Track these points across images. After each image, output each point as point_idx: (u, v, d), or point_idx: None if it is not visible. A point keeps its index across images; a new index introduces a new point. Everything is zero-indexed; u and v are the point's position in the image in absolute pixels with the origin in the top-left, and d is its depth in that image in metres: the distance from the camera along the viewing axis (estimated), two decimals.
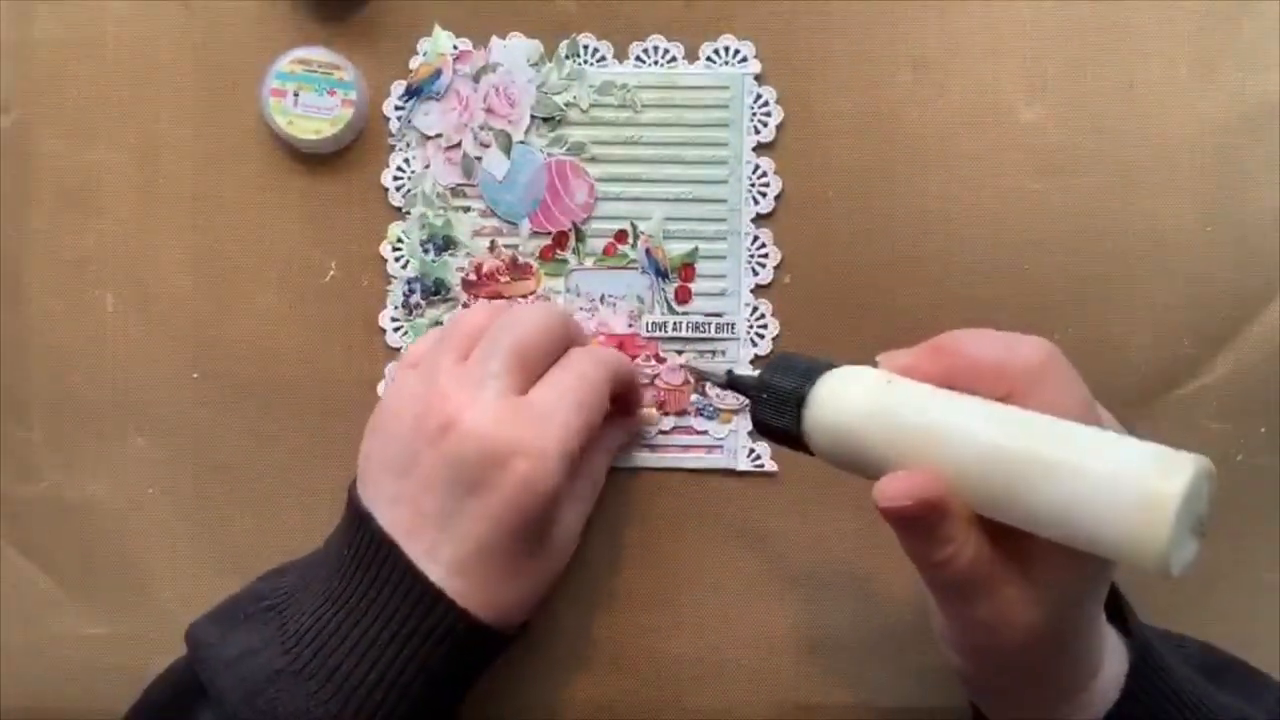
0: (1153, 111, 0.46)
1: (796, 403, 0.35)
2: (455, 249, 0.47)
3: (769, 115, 0.47)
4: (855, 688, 0.46)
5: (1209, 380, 0.46)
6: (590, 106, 0.47)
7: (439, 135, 0.47)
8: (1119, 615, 0.38)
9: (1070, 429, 0.31)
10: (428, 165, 0.47)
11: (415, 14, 0.47)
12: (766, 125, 0.47)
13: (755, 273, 0.47)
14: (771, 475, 0.47)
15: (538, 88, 0.47)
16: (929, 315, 0.46)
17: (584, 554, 0.46)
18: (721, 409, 0.47)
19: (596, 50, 0.47)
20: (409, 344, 0.46)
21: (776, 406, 0.36)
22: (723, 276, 0.47)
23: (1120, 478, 0.29)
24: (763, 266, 0.47)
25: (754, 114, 0.47)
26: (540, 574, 0.41)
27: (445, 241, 0.47)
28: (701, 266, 0.47)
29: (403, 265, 0.47)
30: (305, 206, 0.47)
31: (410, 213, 0.47)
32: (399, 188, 0.47)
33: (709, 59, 0.47)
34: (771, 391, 0.36)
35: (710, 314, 0.47)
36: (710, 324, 0.47)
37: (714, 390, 0.47)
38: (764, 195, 0.47)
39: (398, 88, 0.47)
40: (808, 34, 0.47)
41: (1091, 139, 0.46)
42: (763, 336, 0.47)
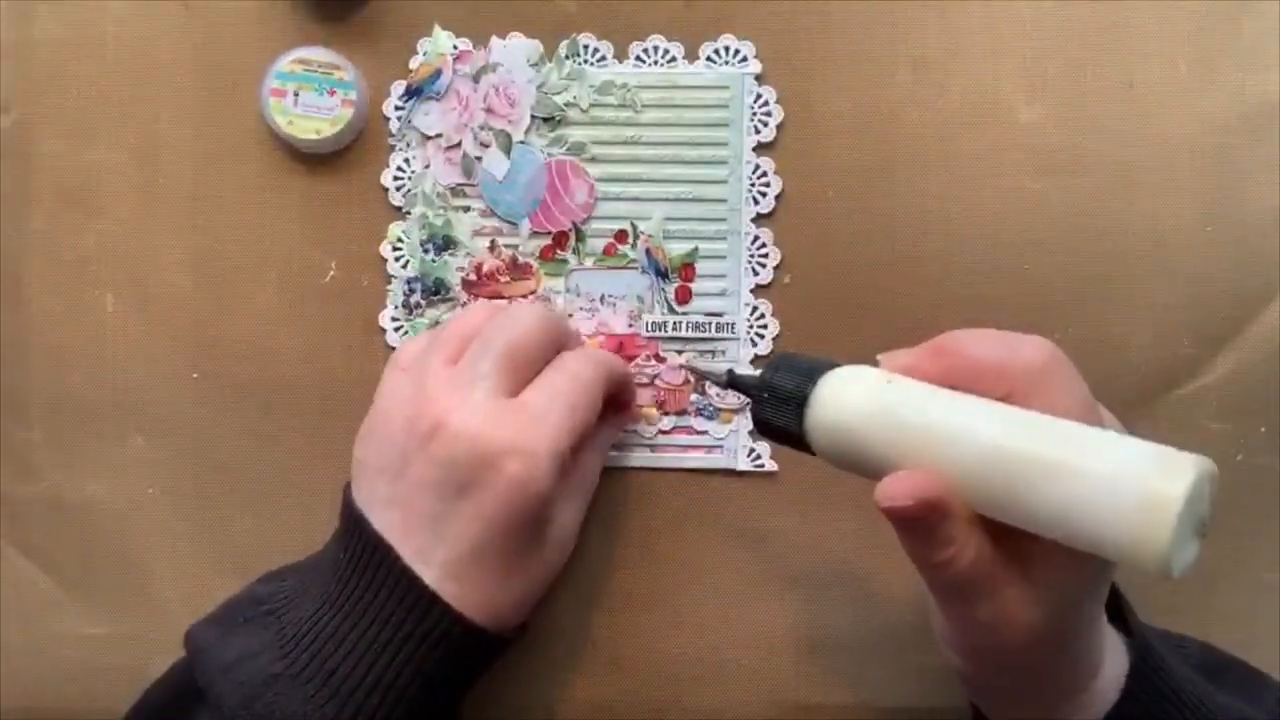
0: (1152, 111, 0.46)
1: (798, 402, 0.35)
2: (455, 249, 0.47)
3: (769, 115, 0.47)
4: (855, 688, 0.46)
5: (1209, 380, 0.46)
6: (590, 106, 0.47)
7: (439, 135, 0.47)
8: (1119, 615, 0.38)
9: (1072, 429, 0.31)
10: (428, 165, 0.47)
11: (415, 14, 0.47)
12: (766, 125, 0.47)
13: (755, 273, 0.47)
14: (771, 475, 0.47)
15: (538, 88, 0.47)
16: (929, 315, 0.46)
17: (584, 554, 0.46)
18: (721, 409, 0.47)
19: (596, 50, 0.47)
20: (401, 345, 0.46)
21: (778, 406, 0.36)
22: (723, 276, 0.47)
23: (1122, 479, 0.29)
24: (763, 266, 0.47)
25: (754, 114, 0.47)
26: (535, 575, 0.41)
27: (445, 241, 0.47)
28: (701, 266, 0.47)
29: (403, 265, 0.47)
30: (305, 206, 0.47)
31: (410, 213, 0.47)
32: (399, 188, 0.47)
33: (709, 59, 0.47)
34: (773, 391, 0.36)
35: (710, 314, 0.47)
36: (710, 324, 0.47)
37: (714, 390, 0.47)
38: (764, 195, 0.47)
39: (398, 88, 0.47)
40: (808, 34, 0.47)
41: (1091, 139, 0.46)
42: (763, 336, 0.47)
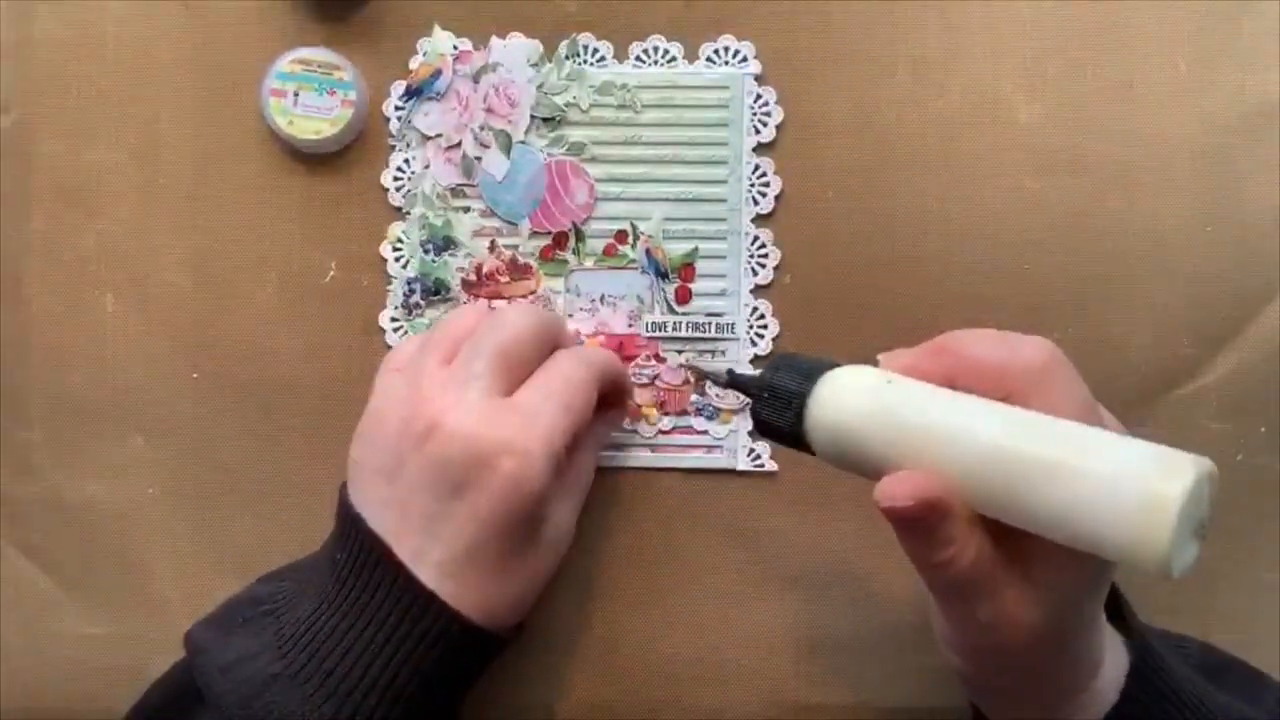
0: (1152, 111, 0.46)
1: (798, 402, 0.35)
2: (455, 249, 0.47)
3: (769, 115, 0.47)
4: (855, 688, 0.46)
5: (1209, 380, 0.46)
6: (590, 106, 0.47)
7: (439, 135, 0.47)
8: (1119, 615, 0.38)
9: (1072, 430, 0.31)
10: (428, 165, 0.47)
11: (415, 14, 0.47)
12: (766, 125, 0.47)
13: (755, 273, 0.47)
14: (771, 475, 0.47)
15: (538, 88, 0.47)
16: (929, 315, 0.46)
17: (584, 553, 0.46)
18: (721, 409, 0.47)
19: (596, 50, 0.47)
20: (395, 347, 0.46)
21: (778, 406, 0.36)
22: (723, 276, 0.47)
23: (1122, 479, 0.29)
24: (763, 266, 0.47)
25: (754, 114, 0.47)
26: (531, 573, 0.41)
27: (445, 241, 0.47)
28: (701, 266, 0.47)
29: (403, 265, 0.47)
30: (305, 206, 0.47)
31: (410, 213, 0.47)
32: (399, 188, 0.47)
33: (709, 59, 0.47)
34: (773, 391, 0.36)
35: (710, 314, 0.47)
36: (710, 324, 0.47)
37: (714, 390, 0.47)
38: (764, 195, 0.47)
39: (398, 88, 0.47)
40: (808, 34, 0.47)
41: (1091, 139, 0.46)
42: (763, 336, 0.47)
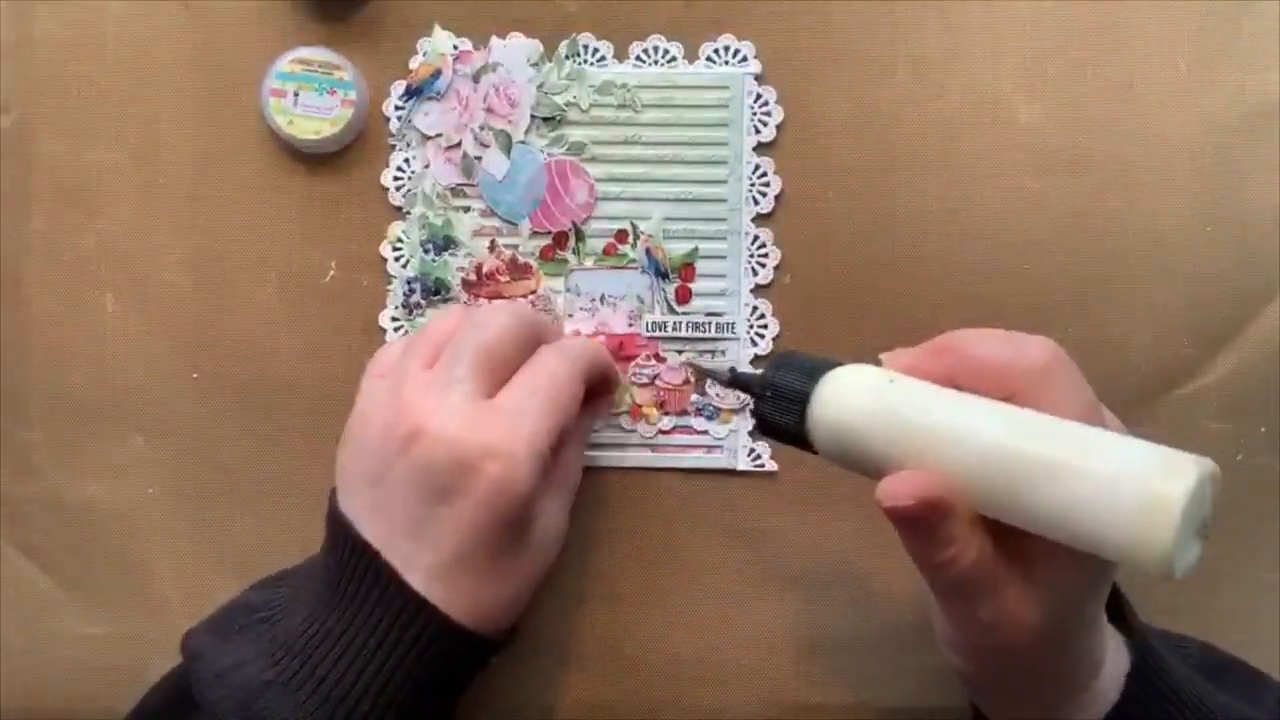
0: (1152, 111, 0.46)
1: (800, 401, 0.35)
2: (455, 249, 0.47)
3: (769, 115, 0.47)
4: (855, 688, 0.46)
5: (1209, 380, 0.46)
6: (590, 106, 0.47)
7: (439, 135, 0.47)
8: (1120, 615, 0.38)
9: (1074, 430, 0.31)
10: (428, 165, 0.47)
11: (415, 14, 0.47)
12: (766, 125, 0.47)
13: (755, 273, 0.47)
14: (771, 475, 0.47)
15: (538, 88, 0.47)
16: (929, 315, 0.46)
17: (583, 553, 0.46)
18: (722, 409, 0.47)
19: (596, 50, 0.47)
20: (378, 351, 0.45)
21: (780, 404, 0.36)
22: (723, 276, 0.47)
23: (1124, 480, 0.29)
24: (763, 266, 0.47)
25: (754, 114, 0.47)
26: (523, 574, 0.40)
27: (445, 241, 0.47)
28: (701, 266, 0.47)
29: (403, 265, 0.47)
30: (305, 206, 0.47)
31: (410, 213, 0.47)
32: (399, 188, 0.47)
33: (709, 59, 0.47)
34: (775, 389, 0.36)
35: (710, 314, 0.47)
36: (710, 324, 0.47)
37: (714, 390, 0.47)
38: (764, 195, 0.47)
39: (398, 88, 0.47)
40: (808, 34, 0.47)
41: (1091, 139, 0.46)
42: (763, 336, 0.47)
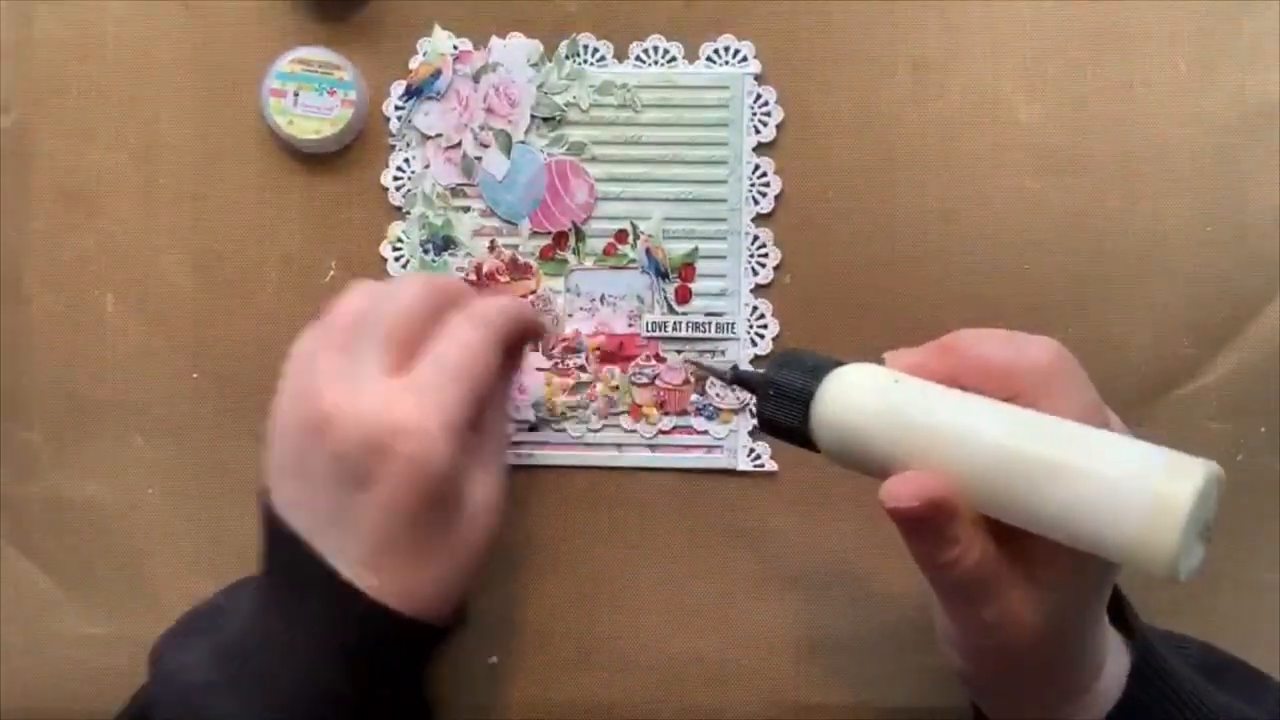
0: (1153, 111, 0.46)
1: (804, 399, 0.35)
2: (455, 249, 0.47)
3: (769, 115, 0.47)
4: (855, 688, 0.46)
5: (1209, 380, 0.46)
6: (590, 106, 0.47)
7: (439, 135, 0.47)
8: (1120, 616, 0.38)
9: (1078, 431, 0.31)
10: (428, 165, 0.47)
11: (415, 14, 0.47)
12: (766, 125, 0.47)
13: (755, 273, 0.47)
14: (771, 475, 0.47)
15: (538, 88, 0.47)
16: (929, 315, 0.46)
17: (583, 553, 0.46)
18: (722, 409, 0.47)
19: (596, 50, 0.47)
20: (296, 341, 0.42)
21: (783, 403, 0.35)
22: (723, 276, 0.47)
23: (1129, 482, 0.29)
24: (763, 266, 0.47)
25: (754, 114, 0.47)
26: (458, 553, 0.38)
27: (445, 241, 0.47)
28: (701, 266, 0.47)
29: (403, 265, 0.47)
30: (305, 206, 0.47)
31: (410, 213, 0.47)
32: (399, 188, 0.47)
33: (709, 59, 0.47)
34: (778, 387, 0.36)
35: (710, 314, 0.47)
36: (710, 324, 0.47)
37: (714, 390, 0.47)
38: (764, 195, 0.47)
39: (398, 88, 0.47)
40: (808, 34, 0.47)
41: (1091, 139, 0.46)
42: (763, 336, 0.47)
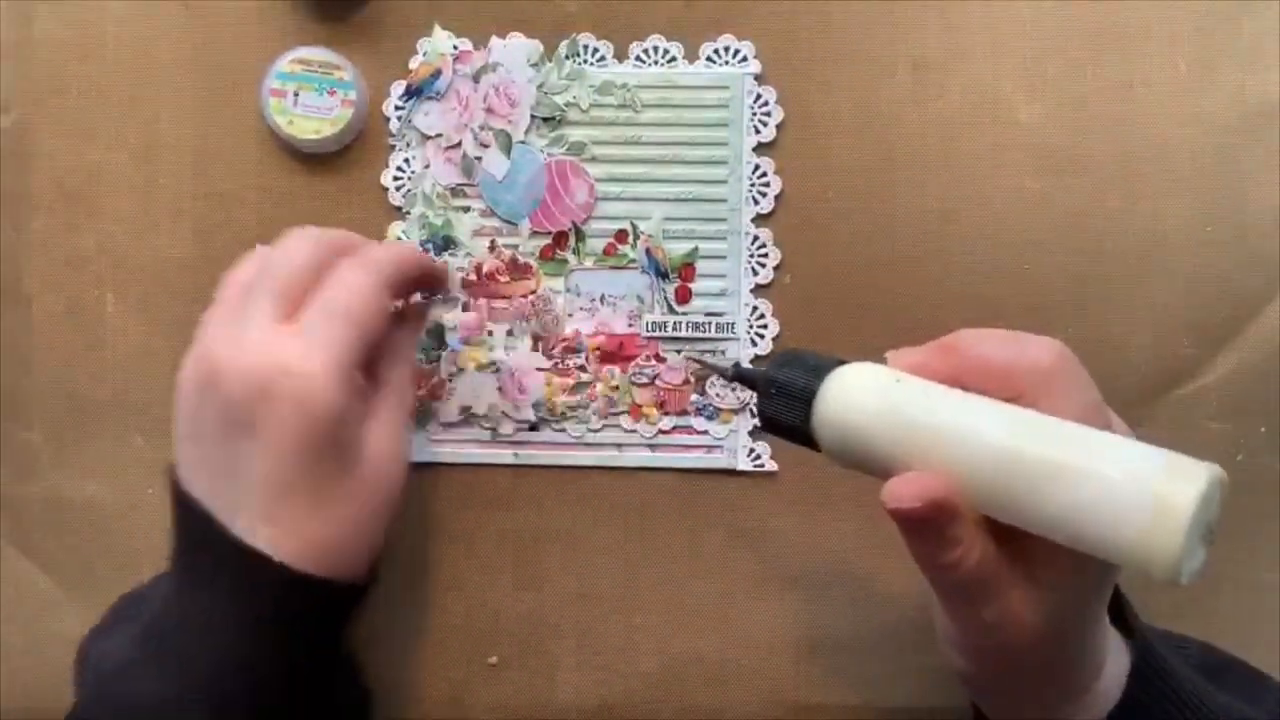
0: (1153, 111, 0.46)
1: (806, 398, 0.35)
2: (455, 249, 0.47)
3: (769, 115, 0.47)
4: (855, 688, 0.46)
5: (1209, 380, 0.46)
6: (590, 106, 0.47)
7: (439, 135, 0.47)
8: (1120, 616, 0.38)
9: (1080, 432, 0.31)
10: (428, 165, 0.47)
11: (415, 14, 0.47)
12: (766, 125, 0.47)
13: (755, 273, 0.47)
14: (771, 475, 0.47)
15: (538, 88, 0.47)
16: (929, 315, 0.46)
17: (582, 553, 0.46)
18: (722, 409, 0.47)
19: (596, 50, 0.47)
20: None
21: (785, 401, 0.35)
22: (723, 276, 0.47)
23: (1132, 484, 0.29)
24: (763, 266, 0.47)
25: (754, 114, 0.47)
26: (356, 504, 0.38)
27: (445, 241, 0.47)
28: (701, 266, 0.47)
29: None
30: (305, 206, 0.47)
31: (410, 213, 0.47)
32: (399, 188, 0.47)
33: (709, 59, 0.47)
34: (780, 386, 0.35)
35: (710, 314, 0.47)
36: (710, 324, 0.47)
37: (714, 390, 0.47)
38: (764, 195, 0.47)
39: (398, 88, 0.47)
40: (808, 34, 0.47)
41: (1091, 139, 0.46)
42: (763, 336, 0.47)
